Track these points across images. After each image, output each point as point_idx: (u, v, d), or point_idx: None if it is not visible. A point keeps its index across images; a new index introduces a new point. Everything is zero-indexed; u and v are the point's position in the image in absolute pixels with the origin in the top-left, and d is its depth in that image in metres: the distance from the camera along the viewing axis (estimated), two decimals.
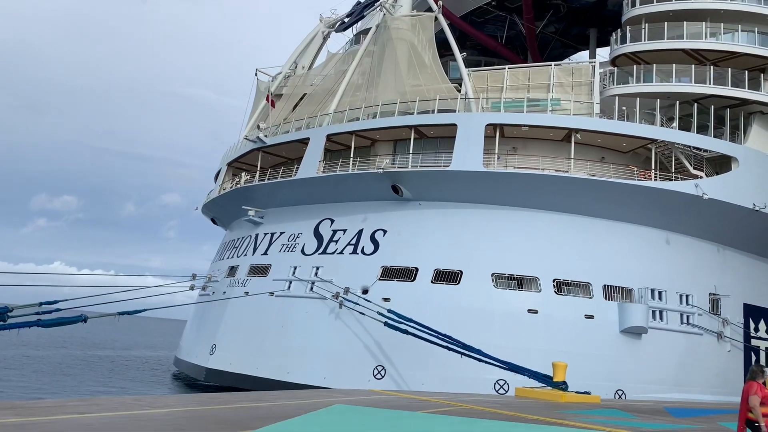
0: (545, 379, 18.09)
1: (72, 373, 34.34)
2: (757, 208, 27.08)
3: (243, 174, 33.78)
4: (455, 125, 26.90)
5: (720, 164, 28.79)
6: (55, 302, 16.23)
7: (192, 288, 36.05)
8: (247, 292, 30.98)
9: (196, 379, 31.98)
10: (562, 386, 17.56)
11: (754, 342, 30.13)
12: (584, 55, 51.42)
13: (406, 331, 22.80)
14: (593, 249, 26.40)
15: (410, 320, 23.11)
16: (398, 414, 9.99)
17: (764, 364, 27.93)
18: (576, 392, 17.83)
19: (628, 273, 26.47)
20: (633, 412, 15.05)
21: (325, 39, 42.11)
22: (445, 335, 21.93)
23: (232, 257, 34.47)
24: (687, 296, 27.29)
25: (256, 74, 42.02)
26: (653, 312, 26.14)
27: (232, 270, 33.30)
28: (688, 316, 27.15)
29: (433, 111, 28.36)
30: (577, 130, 26.47)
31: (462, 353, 21.19)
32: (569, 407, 14.92)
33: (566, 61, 52.01)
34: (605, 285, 25.96)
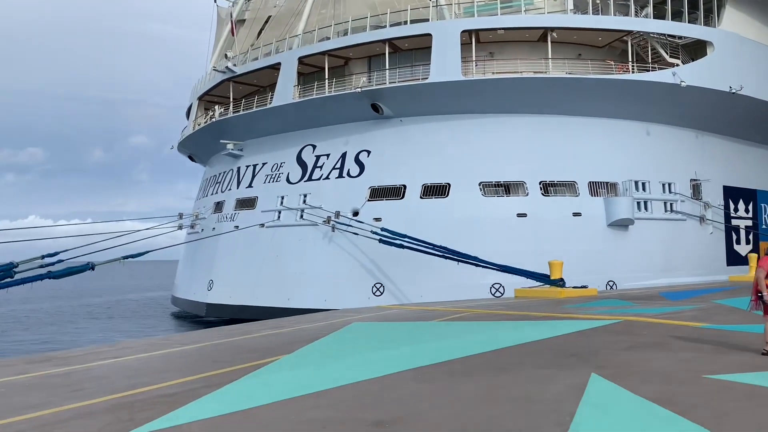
0: (543, 278, 18.66)
1: (76, 321, 34.65)
2: (733, 91, 27.31)
3: (216, 107, 33.00)
4: (430, 35, 26.32)
5: (695, 50, 28.72)
6: (57, 254, 16.15)
7: (180, 227, 36.04)
8: (237, 226, 31.03)
9: (197, 315, 32.50)
10: (560, 283, 18.18)
11: (734, 222, 31.18)
12: None
13: (401, 246, 23.17)
14: (576, 147, 26.61)
15: (404, 236, 23.46)
16: (416, 325, 10.32)
17: None
18: (573, 287, 18.49)
19: (612, 168, 26.87)
20: (630, 299, 15.68)
21: None
22: (440, 246, 22.34)
23: (216, 192, 34.23)
24: (669, 184, 27.90)
25: (215, 1, 40.35)
26: (638, 203, 26.75)
27: (219, 205, 33.16)
28: (671, 204, 27.85)
29: (405, 22, 27.63)
30: (553, 29, 26.06)
31: (459, 260, 21.67)
32: (570, 301, 15.50)
33: None
34: (590, 182, 26.39)
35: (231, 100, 32.70)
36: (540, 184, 25.87)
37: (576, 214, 25.91)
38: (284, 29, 32.36)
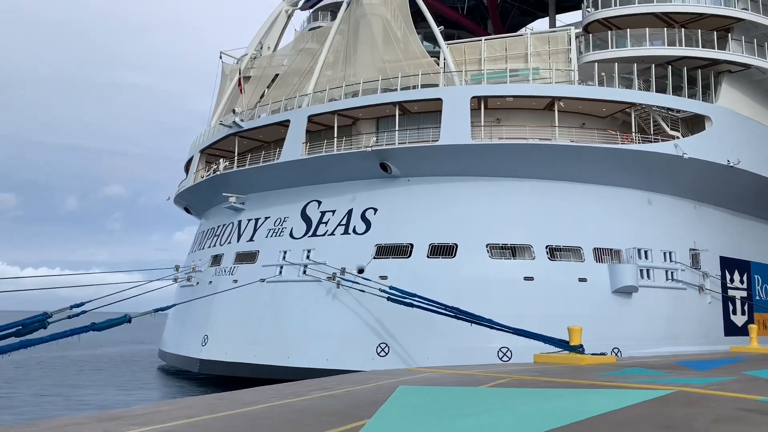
0: (562, 344, 18.58)
1: (66, 374, 33.41)
2: (731, 164, 28.19)
3: (221, 160, 33.09)
4: (439, 100, 26.96)
5: (692, 124, 29.76)
6: (82, 304, 15.69)
7: (176, 280, 35.46)
8: (236, 280, 30.62)
9: (188, 371, 31.61)
10: (579, 349, 18.11)
11: (730, 292, 31.60)
12: (543, 22, 52.14)
13: (411, 305, 22.95)
14: (581, 214, 27.05)
15: (414, 295, 23.28)
16: (470, 391, 10.15)
17: None
18: (592, 354, 18.43)
19: (615, 235, 27.27)
20: (654, 368, 15.63)
21: (289, 17, 41.38)
22: (451, 307, 22.20)
23: (214, 246, 33.90)
24: (670, 253, 28.31)
25: (220, 57, 41.11)
26: (641, 271, 27.05)
27: (217, 258, 32.79)
28: (672, 272, 28.20)
29: (415, 86, 28.31)
30: (560, 98, 26.89)
31: (472, 322, 21.51)
32: (596, 369, 15.38)
33: (525, 29, 52.64)
34: (595, 248, 26.70)
35: (236, 154, 32.84)
36: (546, 248, 26.10)
37: (582, 280, 26.08)
38: (292, 88, 32.93)
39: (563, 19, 51.25)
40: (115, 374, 35.29)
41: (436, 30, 29.52)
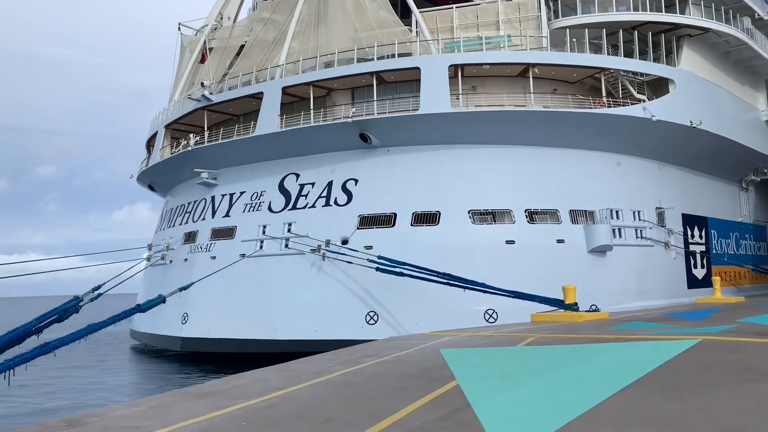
0: (557, 303, 19.36)
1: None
2: (694, 125, 29.47)
3: (191, 135, 32.34)
4: (417, 69, 27.05)
5: (655, 87, 30.87)
6: (100, 287, 15.29)
7: (149, 259, 34.80)
8: (213, 257, 30.33)
9: (167, 349, 31.31)
10: (575, 307, 18.92)
11: (691, 247, 33.32)
12: None
13: (401, 273, 23.35)
14: (557, 178, 27.86)
15: (403, 263, 23.67)
16: (518, 350, 10.60)
17: None
18: (586, 311, 19.31)
19: (589, 196, 28.26)
20: (652, 321, 16.52)
21: None
22: (443, 273, 22.70)
23: (186, 222, 33.34)
24: (639, 212, 29.59)
25: (179, 29, 39.78)
26: (614, 230, 28.19)
27: (191, 236, 32.29)
28: (641, 231, 29.51)
29: (391, 56, 28.27)
30: (534, 65, 27.39)
31: (465, 288, 22.08)
32: (598, 325, 16.13)
33: None
34: (571, 210, 27.63)
35: (206, 128, 32.17)
36: (526, 212, 26.86)
37: (559, 241, 27.01)
38: (261, 59, 32.30)
39: None
40: (85, 357, 34.53)
41: None
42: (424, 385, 7.28)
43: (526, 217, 26.87)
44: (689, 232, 33.32)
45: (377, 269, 24.07)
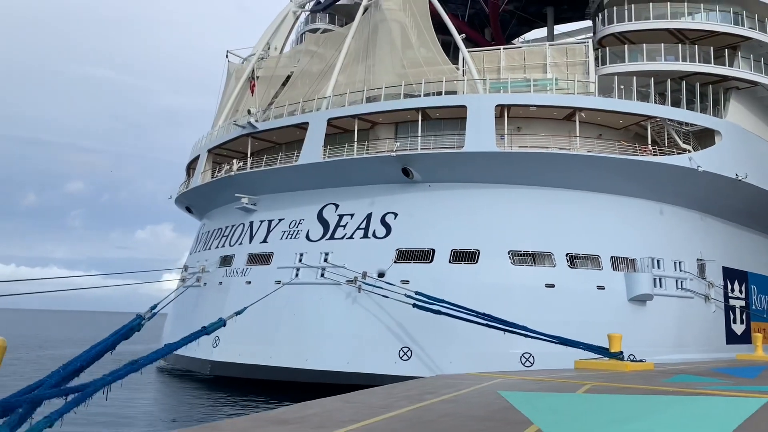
0: (602, 351, 18.99)
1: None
2: (739, 178, 29.12)
3: (234, 161, 32.82)
4: (463, 107, 27.25)
5: (700, 138, 30.67)
6: (156, 306, 15.44)
7: (183, 280, 35.08)
8: (249, 282, 30.46)
9: (196, 372, 31.25)
10: (620, 356, 18.54)
11: (731, 302, 32.60)
12: (540, 32, 53.01)
13: (438, 312, 23.11)
14: (598, 223, 27.63)
15: (442, 300, 23.44)
16: (581, 397, 10.38)
17: None
18: (632, 360, 18.89)
19: (631, 244, 27.93)
20: (701, 375, 16.09)
21: (296, 19, 41.32)
22: (482, 313, 22.42)
23: (223, 246, 33.60)
24: (680, 263, 29.12)
25: (226, 56, 40.76)
26: (654, 279, 27.74)
27: (227, 259, 32.51)
28: (681, 281, 28.99)
29: (437, 93, 28.58)
30: (582, 109, 27.44)
31: (505, 330, 21.76)
32: (646, 376, 15.76)
33: (522, 38, 53.50)
34: (612, 256, 27.29)
35: (249, 154, 32.64)
36: (566, 256, 26.59)
37: (600, 287, 26.63)
38: (307, 90, 32.86)
39: (560, 29, 52.32)
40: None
41: (458, 37, 29.88)
42: (502, 429, 7.13)
43: (567, 261, 26.59)
44: (729, 286, 32.65)
45: (414, 305, 23.84)
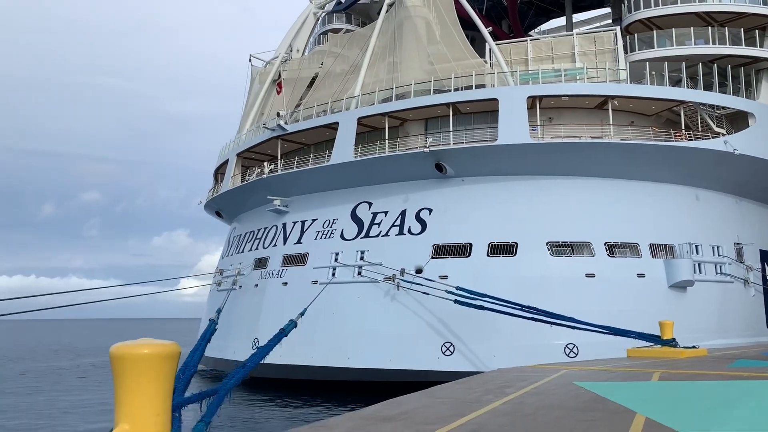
0: (653, 338, 18.91)
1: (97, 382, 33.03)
2: None
3: (265, 164, 32.99)
4: (494, 100, 27.20)
5: (733, 121, 30.38)
6: (220, 311, 15.62)
7: (219, 284, 35.36)
8: (285, 283, 30.65)
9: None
10: (673, 343, 18.45)
11: None
12: (557, 22, 52.74)
13: (481, 307, 23.07)
14: (635, 211, 27.47)
15: (484, 295, 23.40)
16: (661, 385, 10.37)
17: None
18: (685, 347, 18.80)
19: (668, 230, 27.75)
20: (757, 359, 15.98)
21: (317, 20, 41.42)
22: (527, 306, 22.36)
23: (257, 248, 33.80)
24: (718, 247, 28.89)
25: (249, 60, 40.97)
26: (694, 265, 27.54)
27: (261, 261, 32.73)
28: (720, 266, 28.77)
29: (467, 87, 28.54)
30: (613, 97, 27.28)
31: (552, 323, 21.70)
32: (703, 361, 15.70)
33: (539, 29, 53.21)
34: (651, 244, 27.13)
35: (279, 157, 32.80)
36: (605, 245, 26.47)
37: (640, 275, 26.49)
38: (335, 90, 32.95)
39: (578, 18, 51.96)
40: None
41: (485, 31, 29.82)
42: (609, 418, 7.16)
43: (606, 250, 26.47)
44: (767, 269, 32.33)
45: (456, 302, 23.78)
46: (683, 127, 28.38)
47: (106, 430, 3.78)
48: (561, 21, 51.17)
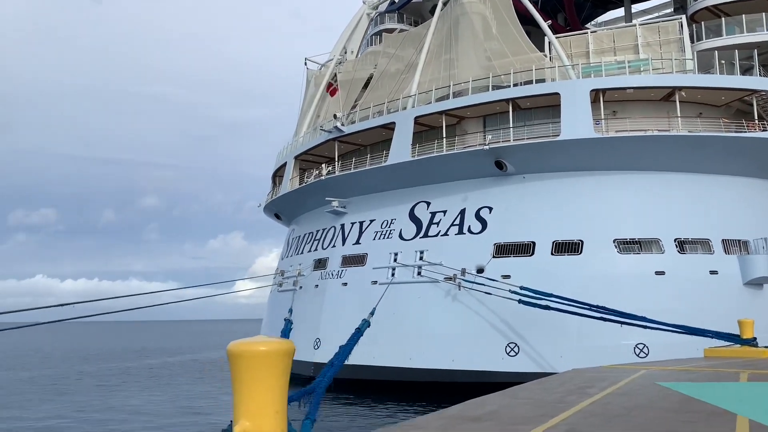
0: (733, 338, 18.11)
1: (160, 381, 34.04)
2: None
3: (323, 165, 33.24)
4: (555, 94, 26.61)
5: None
6: (291, 311, 15.92)
7: (280, 285, 35.82)
8: (345, 283, 30.77)
9: (299, 374, 31.79)
10: (754, 342, 17.62)
11: None
12: (615, 14, 51.30)
13: (547, 307, 22.57)
14: (706, 205, 26.42)
15: (550, 295, 22.88)
16: (754, 387, 9.88)
17: None
18: (766, 347, 17.93)
19: (742, 225, 26.57)
20: None
21: (371, 21, 41.50)
22: (596, 306, 21.75)
23: (316, 250, 34.06)
24: None
25: (305, 63, 41.36)
26: None
27: (321, 262, 32.95)
28: None
29: (525, 82, 28.02)
30: (682, 88, 26.30)
31: (621, 323, 21.04)
32: None
33: (595, 21, 51.87)
34: (723, 239, 26.04)
35: (336, 158, 32.99)
36: (675, 241, 25.53)
37: (713, 272, 25.44)
38: (390, 90, 32.91)
39: (637, 8, 50.42)
40: (211, 381, 35.88)
41: (544, 24, 29.21)
42: (707, 420, 6.82)
43: (676, 246, 25.52)
44: None
45: (520, 302, 23.32)
46: (755, 117, 27.11)
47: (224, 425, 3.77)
48: (618, 12, 49.81)
